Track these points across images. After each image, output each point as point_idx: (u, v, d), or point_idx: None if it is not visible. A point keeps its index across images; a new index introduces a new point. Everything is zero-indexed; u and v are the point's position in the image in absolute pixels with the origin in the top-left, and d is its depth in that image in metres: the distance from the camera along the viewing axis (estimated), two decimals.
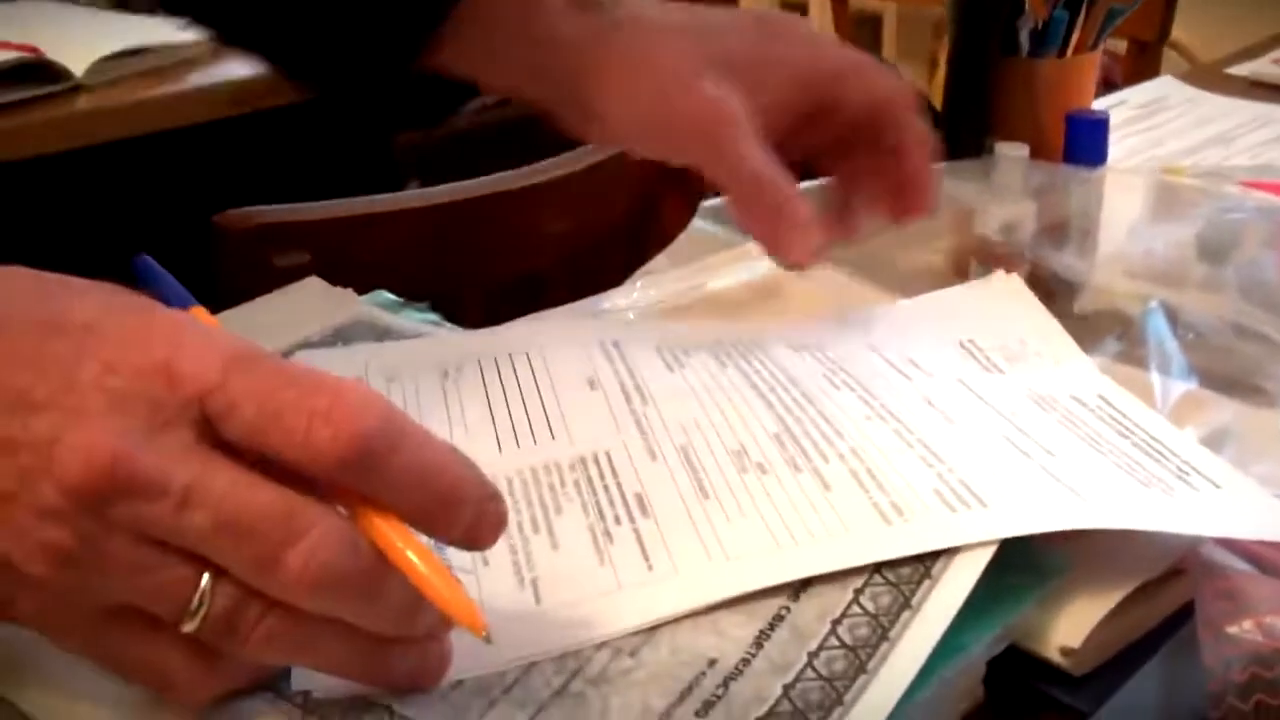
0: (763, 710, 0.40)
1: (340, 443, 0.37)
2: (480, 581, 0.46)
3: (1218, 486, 0.49)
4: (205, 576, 0.37)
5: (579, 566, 0.46)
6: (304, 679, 0.41)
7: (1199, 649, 0.43)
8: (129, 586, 0.38)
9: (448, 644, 0.41)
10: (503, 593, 0.45)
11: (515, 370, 0.60)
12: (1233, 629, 0.43)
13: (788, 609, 0.43)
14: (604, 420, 0.55)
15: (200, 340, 0.39)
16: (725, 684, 0.41)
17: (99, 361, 0.37)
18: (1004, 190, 0.70)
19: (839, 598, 0.43)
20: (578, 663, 0.42)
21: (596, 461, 0.52)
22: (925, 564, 0.44)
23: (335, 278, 0.70)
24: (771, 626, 0.43)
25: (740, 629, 0.43)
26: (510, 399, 0.58)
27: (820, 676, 0.40)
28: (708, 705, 0.40)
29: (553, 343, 0.62)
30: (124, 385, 0.37)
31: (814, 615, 0.43)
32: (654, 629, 0.43)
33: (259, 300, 0.66)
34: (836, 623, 0.42)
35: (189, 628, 0.38)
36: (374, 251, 0.75)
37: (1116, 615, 0.45)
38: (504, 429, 0.55)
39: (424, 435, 0.39)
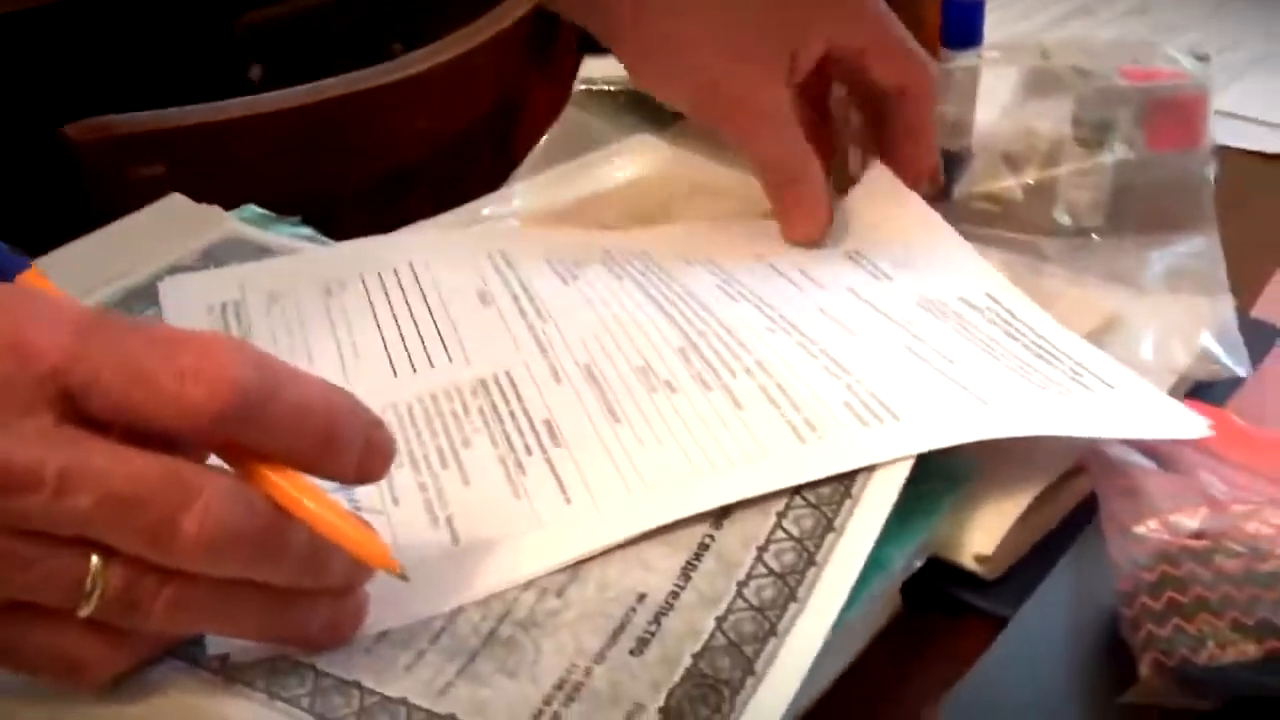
0: (698, 645, 0.40)
1: (216, 399, 0.35)
2: (392, 523, 0.45)
3: (1111, 386, 0.50)
4: (94, 558, 0.35)
5: (494, 501, 0.45)
6: (219, 643, 0.40)
7: (1106, 547, 0.44)
8: (14, 583, 0.35)
9: (362, 594, 0.40)
10: (417, 534, 0.44)
11: (402, 285, 0.58)
12: (1139, 528, 0.44)
13: (711, 537, 0.43)
14: (502, 338, 0.54)
15: (45, 310, 0.36)
16: (657, 620, 0.40)
17: None
18: None
19: (761, 523, 0.43)
20: (504, 605, 0.42)
21: (499, 384, 0.51)
22: (844, 483, 0.44)
23: (196, 189, 0.67)
24: (697, 556, 0.42)
25: (666, 560, 0.42)
26: (400, 317, 0.56)
27: (751, 606, 0.40)
28: (641, 643, 0.40)
29: (438, 254, 0.60)
30: None
31: (738, 542, 0.43)
32: (579, 565, 0.43)
33: (119, 223, 0.63)
34: (762, 549, 0.42)
35: (85, 612, 0.36)
36: (235, 160, 0.71)
37: (1024, 517, 0.47)
38: (396, 351, 0.54)
39: (296, 375, 0.38)
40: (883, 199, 0.63)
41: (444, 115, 0.82)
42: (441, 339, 0.54)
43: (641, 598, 0.41)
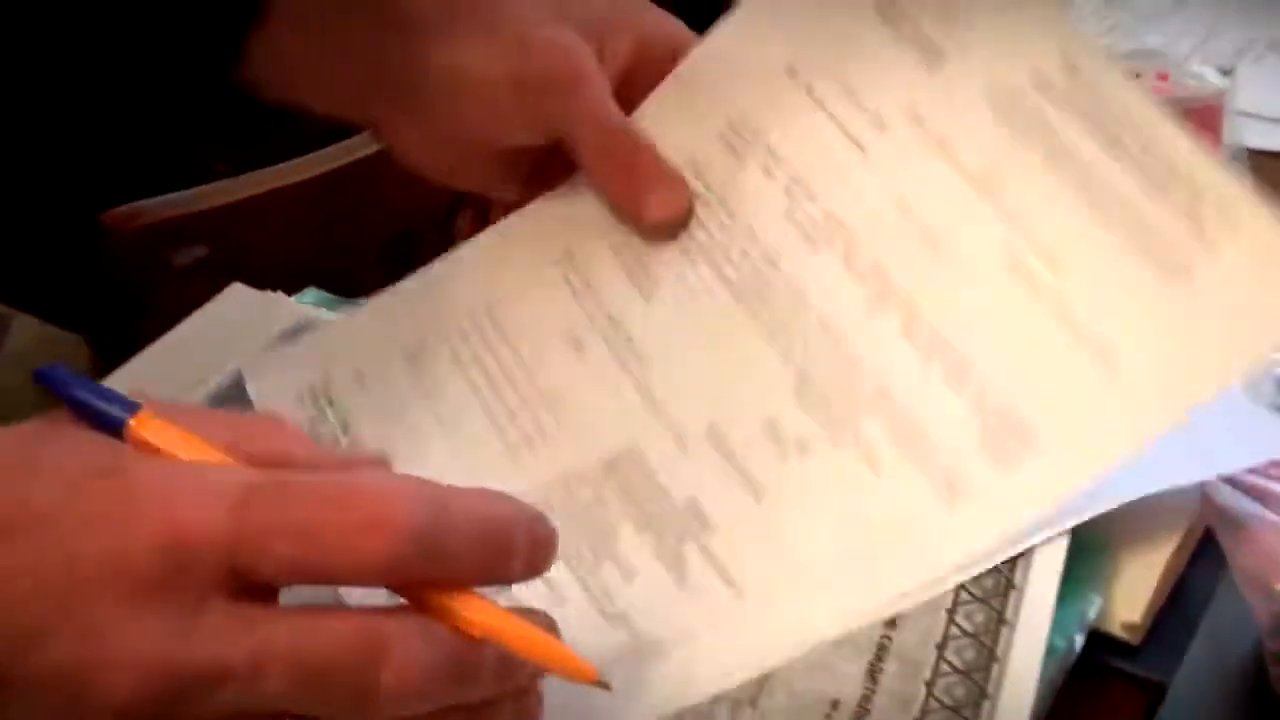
0: None
1: (394, 549, 0.35)
2: (566, 624, 0.45)
3: None
4: None
5: (662, 597, 0.46)
6: None
7: (1248, 604, 0.46)
8: None
9: (540, 688, 0.41)
10: (592, 635, 0.45)
11: (486, 341, 0.54)
12: (1278, 586, 0.46)
13: (889, 638, 0.44)
14: (611, 403, 0.51)
15: (194, 486, 0.35)
16: None
17: (91, 561, 0.33)
18: None
19: (934, 620, 0.44)
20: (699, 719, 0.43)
21: (628, 463, 0.50)
22: (1003, 574, 0.45)
23: (232, 269, 0.66)
24: (879, 659, 0.44)
25: (848, 664, 0.44)
26: (496, 384, 0.53)
27: (945, 706, 0.42)
28: None
29: (508, 287, 0.56)
30: (132, 583, 0.33)
31: (916, 641, 0.44)
32: (766, 676, 0.44)
33: (186, 322, 0.61)
34: (941, 647, 0.44)
35: None
36: (267, 235, 0.70)
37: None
38: (504, 427, 0.52)
39: (460, 495, 0.37)
40: None
41: None
42: (550, 409, 0.52)
43: (835, 705, 0.43)
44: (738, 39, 0.55)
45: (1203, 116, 0.68)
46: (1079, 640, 0.46)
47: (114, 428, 0.37)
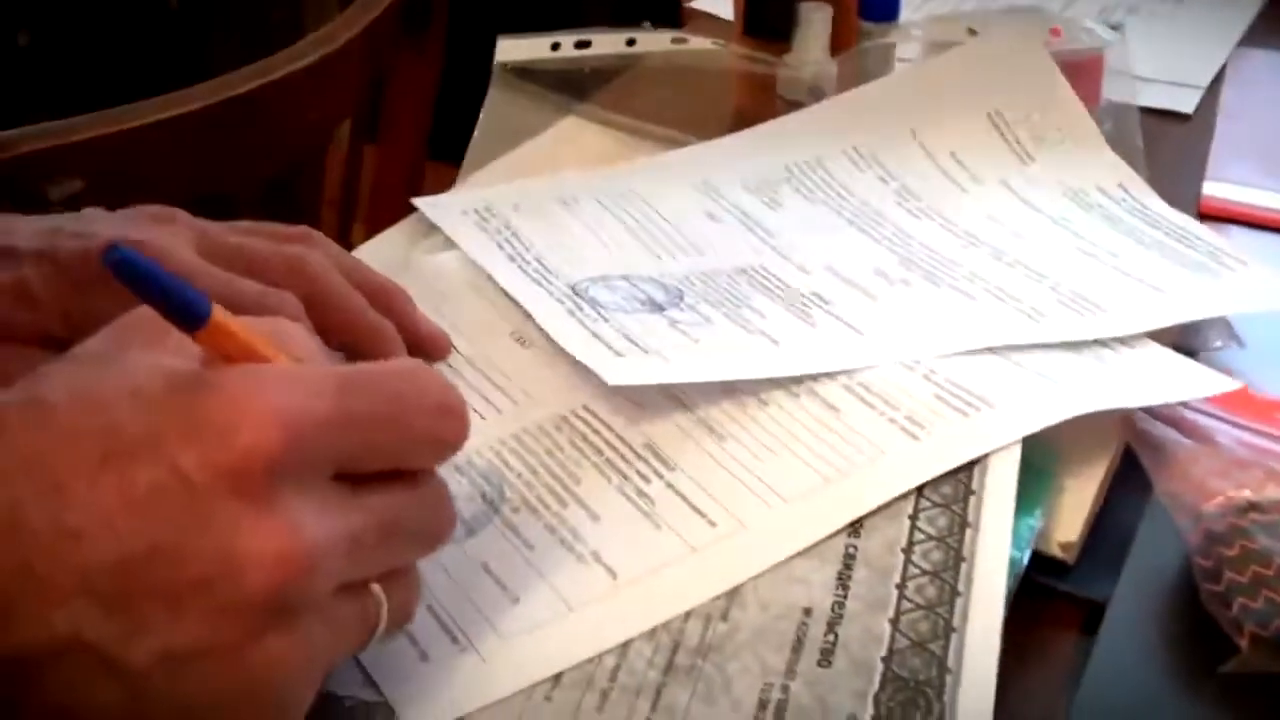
0: (883, 650, 0.41)
1: (464, 426, 0.39)
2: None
3: (1244, 264, 0.59)
4: (376, 589, 0.37)
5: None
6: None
7: (1176, 526, 0.47)
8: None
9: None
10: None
11: (631, 203, 0.62)
12: (1208, 508, 0.47)
13: (854, 547, 0.44)
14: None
15: (293, 388, 0.35)
16: (831, 630, 0.41)
17: (207, 471, 0.33)
18: (807, 51, 0.71)
19: (898, 527, 0.44)
20: (671, 636, 0.41)
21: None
22: (962, 481, 0.45)
23: (111, 204, 0.63)
24: (847, 567, 0.43)
25: (817, 573, 0.43)
26: (639, 223, 0.61)
27: (919, 606, 0.42)
28: (825, 654, 0.41)
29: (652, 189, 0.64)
30: (251, 481, 0.33)
31: (882, 548, 0.44)
32: (734, 589, 0.43)
33: None
34: (907, 551, 0.44)
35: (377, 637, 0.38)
36: (146, 170, 0.67)
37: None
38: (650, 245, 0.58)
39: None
40: (1012, 51, 0.70)
41: (331, 105, 0.79)
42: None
43: (808, 611, 0.42)
44: (884, 92, 0.71)
45: (1084, 70, 0.69)
46: (1027, 555, 0.46)
47: (193, 319, 0.35)
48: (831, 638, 0.41)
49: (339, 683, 0.40)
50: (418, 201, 0.62)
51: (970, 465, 0.46)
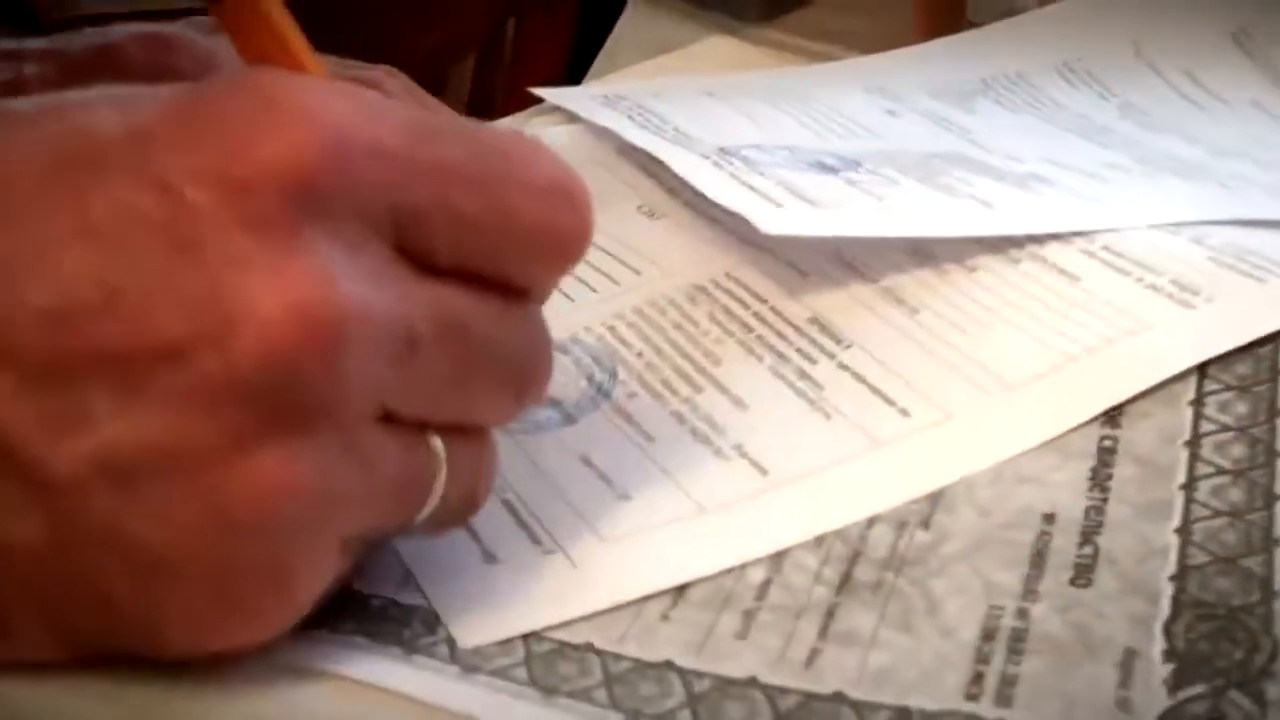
0: (1172, 566, 0.27)
1: (588, 226, 0.26)
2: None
3: None
4: (436, 442, 0.25)
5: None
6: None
7: None
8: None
9: None
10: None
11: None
12: None
13: (1113, 439, 0.31)
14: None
15: (354, 105, 0.24)
16: (1088, 540, 0.28)
17: (209, 183, 0.22)
18: None
19: (1175, 416, 0.31)
20: (848, 546, 0.28)
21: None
22: (1266, 356, 0.32)
23: None
24: (1104, 463, 0.30)
25: (1060, 472, 0.30)
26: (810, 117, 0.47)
27: (1219, 512, 0.28)
28: (1084, 570, 0.27)
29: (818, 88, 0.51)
30: (262, 207, 0.22)
31: (1154, 440, 0.30)
32: (936, 493, 0.30)
33: None
34: (1193, 444, 0.30)
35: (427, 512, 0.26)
36: None
37: None
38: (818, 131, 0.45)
39: None
40: None
41: (442, 34, 0.70)
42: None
43: (1049, 518, 0.29)
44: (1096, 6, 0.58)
45: None
46: None
47: None
48: (1089, 550, 0.28)
49: (366, 578, 0.28)
50: (540, 91, 0.51)
51: (1273, 338, 0.32)
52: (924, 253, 0.37)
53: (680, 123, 0.45)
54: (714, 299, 0.37)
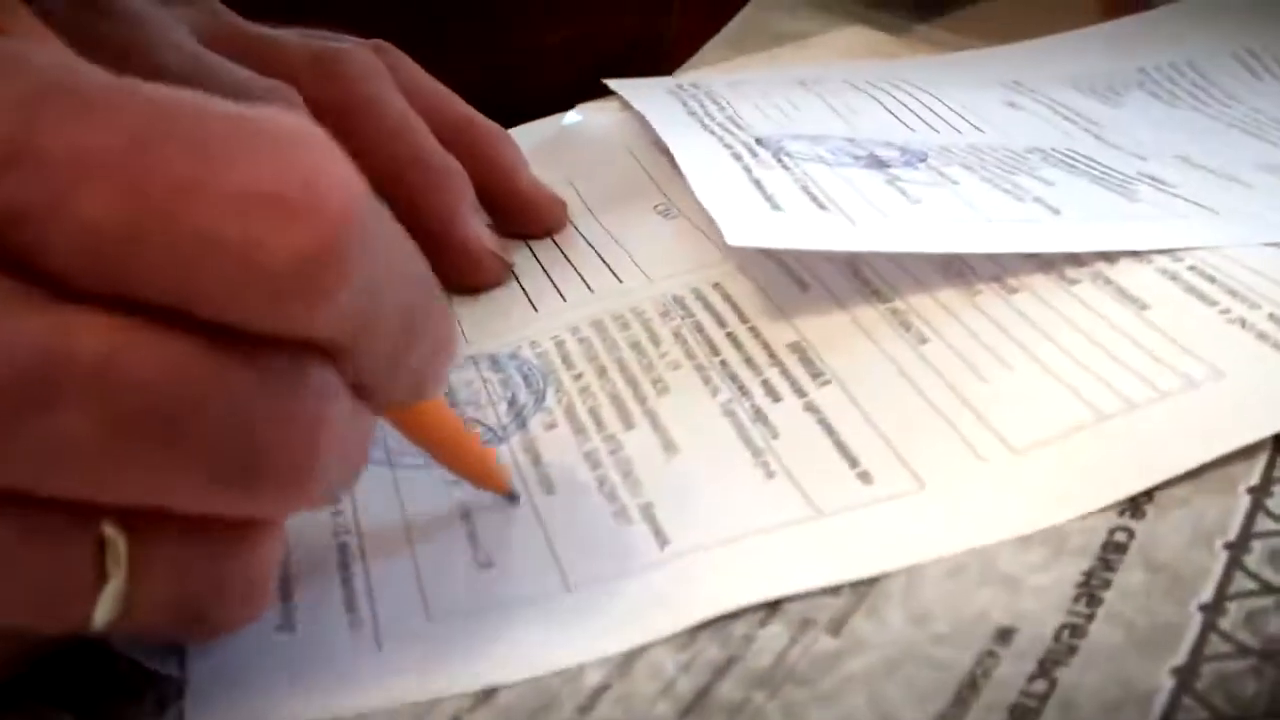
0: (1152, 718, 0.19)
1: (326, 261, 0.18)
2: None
3: None
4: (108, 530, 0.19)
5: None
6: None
7: None
8: None
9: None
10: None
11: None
12: None
13: (1128, 531, 0.23)
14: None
15: None
16: (1045, 672, 0.20)
17: None
18: None
19: (1222, 506, 0.22)
20: (723, 647, 0.22)
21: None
22: None
23: None
24: (1106, 564, 0.22)
25: (1043, 572, 0.22)
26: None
27: (1245, 649, 0.20)
28: (1018, 714, 0.19)
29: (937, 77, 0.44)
30: None
31: (1183, 539, 0.22)
32: (870, 582, 0.23)
33: None
34: (1236, 548, 0.22)
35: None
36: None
37: None
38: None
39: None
40: None
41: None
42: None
43: (1004, 635, 0.21)
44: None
45: None
46: None
47: None
48: (1041, 686, 0.19)
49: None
50: (611, 83, 0.44)
51: None
52: (956, 267, 0.29)
53: (741, 112, 0.38)
54: (689, 313, 0.30)
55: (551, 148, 0.41)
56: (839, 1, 0.54)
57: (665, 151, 0.37)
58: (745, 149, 0.34)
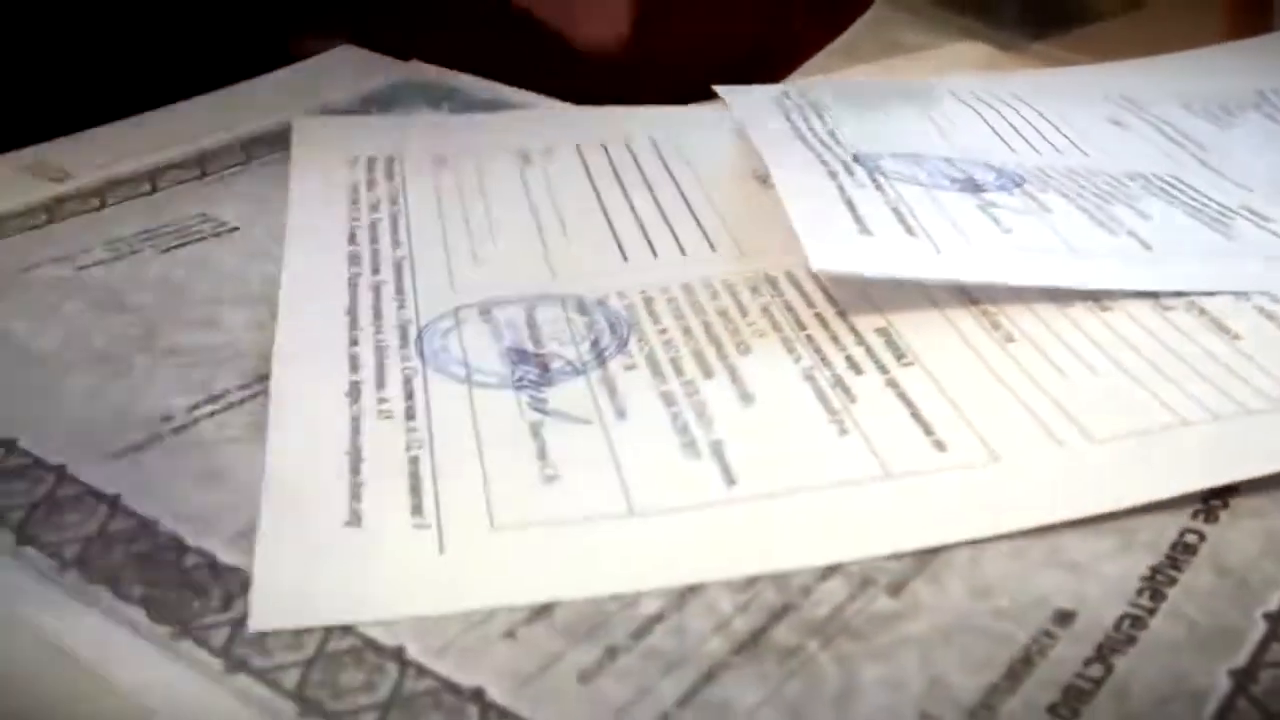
0: (1202, 715, 0.19)
1: None
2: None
3: None
4: None
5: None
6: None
7: None
8: None
9: None
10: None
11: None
12: None
13: (1199, 534, 0.22)
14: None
15: None
16: (1102, 657, 0.20)
17: None
18: None
19: None
20: (780, 596, 0.22)
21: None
22: None
23: None
24: (1174, 563, 0.22)
25: (1111, 561, 0.22)
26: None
27: None
28: (1075, 697, 0.19)
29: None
30: None
31: (1256, 545, 0.22)
32: (934, 551, 0.23)
33: (280, 71, 0.46)
34: None
35: None
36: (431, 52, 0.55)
37: None
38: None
39: None
40: None
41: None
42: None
43: (1064, 619, 0.21)
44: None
45: None
46: None
47: None
48: (1097, 671, 0.19)
49: (200, 524, 0.23)
50: (720, 89, 0.44)
51: None
52: (1049, 290, 0.29)
53: (842, 124, 0.38)
54: (779, 292, 0.30)
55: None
56: (958, 16, 0.54)
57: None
58: (842, 166, 0.34)
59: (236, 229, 0.35)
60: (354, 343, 0.29)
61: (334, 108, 0.43)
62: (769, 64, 0.59)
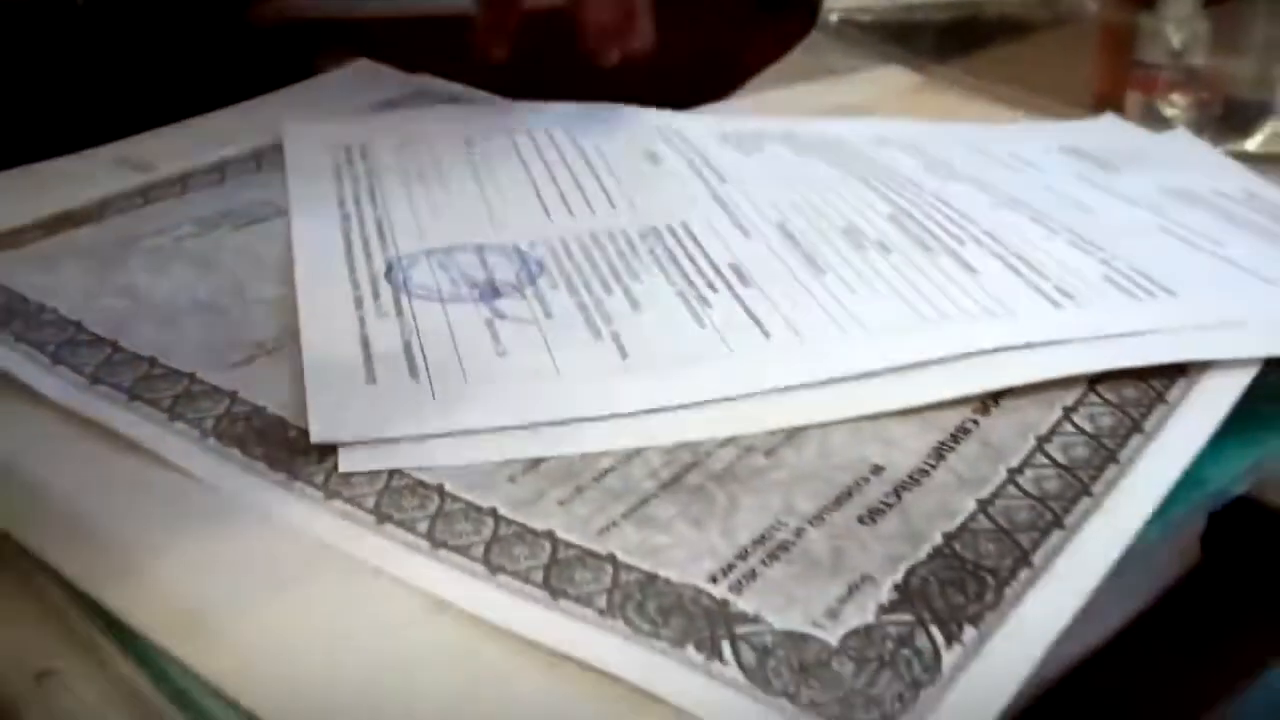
0: (952, 525, 0.29)
1: None
2: (544, 333, 0.37)
3: None
4: None
5: (671, 326, 0.37)
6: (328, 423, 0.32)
7: None
8: None
9: None
10: (578, 348, 0.36)
11: (556, 144, 0.51)
12: None
13: (975, 422, 0.33)
14: (675, 193, 0.47)
15: None
16: (897, 493, 0.30)
17: None
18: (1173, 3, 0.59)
19: (1043, 414, 0.33)
20: (694, 455, 0.32)
21: (673, 232, 0.43)
22: (1154, 388, 0.34)
23: None
24: (955, 439, 0.32)
25: (914, 439, 0.32)
26: (554, 169, 0.49)
27: (1028, 495, 0.30)
28: (874, 513, 0.30)
29: (603, 123, 0.54)
30: None
31: (1012, 431, 0.32)
32: (796, 429, 0.33)
33: (309, 81, 0.57)
34: (1043, 440, 0.32)
35: None
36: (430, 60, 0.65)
37: None
38: (550, 197, 0.47)
39: None
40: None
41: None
42: (604, 189, 0.47)
43: (877, 470, 0.31)
44: None
45: None
46: (1236, 487, 0.32)
47: None
48: (892, 499, 0.30)
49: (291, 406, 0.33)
50: (287, 132, 0.52)
51: (1175, 372, 0.34)
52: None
53: (393, 209, 0.46)
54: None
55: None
56: (881, 44, 0.64)
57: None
58: (370, 288, 0.40)
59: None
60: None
61: (348, 112, 0.54)
62: (714, 80, 0.70)
